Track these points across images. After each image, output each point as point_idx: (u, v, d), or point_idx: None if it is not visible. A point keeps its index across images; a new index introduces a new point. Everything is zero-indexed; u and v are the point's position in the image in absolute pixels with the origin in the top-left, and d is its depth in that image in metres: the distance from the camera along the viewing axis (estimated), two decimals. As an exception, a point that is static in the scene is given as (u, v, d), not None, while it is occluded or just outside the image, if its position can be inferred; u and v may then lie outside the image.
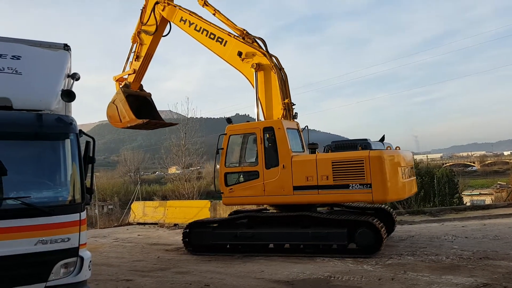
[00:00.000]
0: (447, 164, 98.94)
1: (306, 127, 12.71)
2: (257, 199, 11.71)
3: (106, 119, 15.30)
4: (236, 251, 11.37)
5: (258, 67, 12.31)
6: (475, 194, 46.63)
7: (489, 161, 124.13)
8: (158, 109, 15.50)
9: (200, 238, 11.81)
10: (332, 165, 10.48)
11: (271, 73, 12.23)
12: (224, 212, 18.68)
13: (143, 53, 14.64)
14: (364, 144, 10.91)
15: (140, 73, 14.85)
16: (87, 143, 6.00)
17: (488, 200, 35.10)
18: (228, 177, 11.81)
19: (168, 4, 14.09)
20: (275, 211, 11.83)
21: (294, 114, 12.34)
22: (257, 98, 12.38)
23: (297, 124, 12.38)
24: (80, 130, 6.01)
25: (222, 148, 11.76)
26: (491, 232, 12.66)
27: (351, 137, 12.13)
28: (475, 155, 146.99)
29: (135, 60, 14.80)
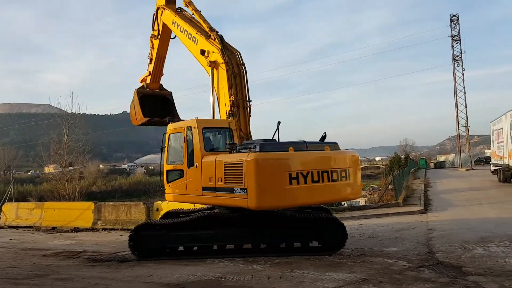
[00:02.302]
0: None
1: (278, 123, 11.39)
2: (183, 197, 11.57)
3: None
4: (191, 254, 10.79)
5: (214, 64, 12.38)
6: (351, 196, 50.39)
7: (362, 166, 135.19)
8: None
9: (150, 242, 10.93)
10: (224, 167, 10.11)
11: (222, 70, 12.27)
12: (109, 214, 17.91)
13: (154, 56, 15.54)
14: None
15: (155, 74, 15.83)
16: None
17: (362, 201, 38.09)
18: (168, 174, 11.82)
19: (164, 9, 14.69)
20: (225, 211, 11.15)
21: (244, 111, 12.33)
22: (213, 95, 12.56)
23: (229, 122, 11.71)
24: None
25: (165, 146, 11.88)
26: (367, 231, 13.76)
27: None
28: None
29: (149, 63, 15.77)
